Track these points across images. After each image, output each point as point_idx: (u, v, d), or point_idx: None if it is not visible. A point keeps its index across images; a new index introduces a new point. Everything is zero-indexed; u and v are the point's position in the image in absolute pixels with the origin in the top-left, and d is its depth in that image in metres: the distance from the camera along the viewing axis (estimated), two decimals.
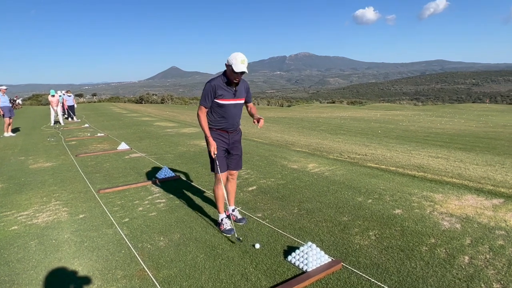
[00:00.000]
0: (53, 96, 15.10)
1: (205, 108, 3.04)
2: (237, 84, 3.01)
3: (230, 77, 2.96)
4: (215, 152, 3.05)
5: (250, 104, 3.29)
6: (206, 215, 3.64)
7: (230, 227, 3.15)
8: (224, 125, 3.09)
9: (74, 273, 2.60)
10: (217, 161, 3.09)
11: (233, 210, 3.47)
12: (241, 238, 3.02)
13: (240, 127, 3.26)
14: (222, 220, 3.22)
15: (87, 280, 2.50)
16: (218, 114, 3.06)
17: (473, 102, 59.77)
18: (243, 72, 2.87)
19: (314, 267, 2.47)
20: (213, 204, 3.95)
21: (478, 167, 5.47)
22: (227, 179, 3.32)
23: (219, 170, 3.10)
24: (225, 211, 3.36)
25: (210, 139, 3.06)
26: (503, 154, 7.14)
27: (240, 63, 2.81)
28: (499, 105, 41.19)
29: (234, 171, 3.33)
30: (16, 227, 3.51)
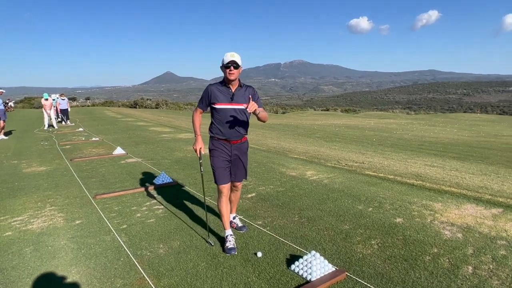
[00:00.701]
0: (46, 99, 14.95)
1: (200, 109, 3.07)
2: (232, 81, 2.90)
3: (225, 76, 2.90)
4: (202, 152, 3.06)
5: (260, 109, 3.06)
6: (205, 223, 3.58)
7: (233, 245, 2.96)
8: (224, 133, 2.97)
9: (71, 281, 2.53)
10: (215, 171, 3.01)
11: (233, 218, 3.42)
12: (212, 243, 3.04)
13: (246, 137, 3.12)
14: (227, 237, 3.03)
15: None
16: (217, 120, 2.98)
17: (464, 112, 60.64)
18: (235, 65, 2.81)
19: (318, 277, 2.43)
20: (213, 211, 3.90)
21: (474, 176, 5.52)
22: (231, 190, 3.21)
23: (217, 181, 3.01)
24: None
25: (198, 137, 3.06)
26: (496, 163, 7.21)
27: (229, 56, 2.82)
28: (490, 115, 41.91)
29: (238, 183, 3.21)
30: (10, 232, 3.42)
